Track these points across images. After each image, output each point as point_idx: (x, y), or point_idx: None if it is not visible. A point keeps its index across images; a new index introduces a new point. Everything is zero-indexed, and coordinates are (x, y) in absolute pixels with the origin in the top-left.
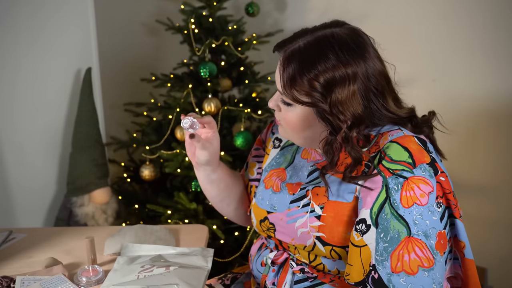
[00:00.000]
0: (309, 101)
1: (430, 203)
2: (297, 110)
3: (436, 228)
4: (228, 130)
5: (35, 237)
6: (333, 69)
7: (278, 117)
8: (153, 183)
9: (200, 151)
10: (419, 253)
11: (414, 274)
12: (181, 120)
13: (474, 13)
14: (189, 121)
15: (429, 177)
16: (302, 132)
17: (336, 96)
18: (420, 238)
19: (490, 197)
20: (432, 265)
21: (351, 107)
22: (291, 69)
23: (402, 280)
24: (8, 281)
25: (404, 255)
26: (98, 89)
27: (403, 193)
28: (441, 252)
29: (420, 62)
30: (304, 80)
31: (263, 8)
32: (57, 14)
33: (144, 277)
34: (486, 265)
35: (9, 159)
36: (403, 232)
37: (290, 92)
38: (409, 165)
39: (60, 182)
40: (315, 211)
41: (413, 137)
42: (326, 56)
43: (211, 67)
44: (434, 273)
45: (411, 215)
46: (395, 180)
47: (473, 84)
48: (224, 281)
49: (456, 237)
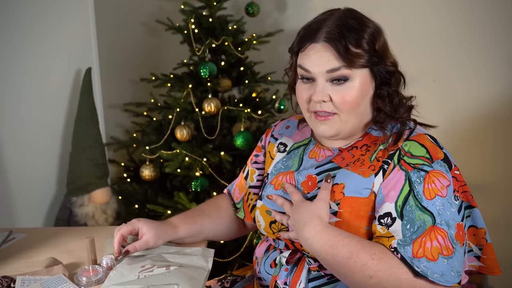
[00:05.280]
0: (368, 61)
1: (449, 196)
2: (353, 82)
3: (455, 219)
4: (228, 130)
5: (35, 237)
6: (374, 30)
7: (329, 107)
8: (153, 183)
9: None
10: (441, 241)
11: (434, 261)
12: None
13: (475, 14)
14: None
15: (445, 171)
16: (360, 106)
17: (381, 48)
18: (443, 227)
19: (488, 196)
20: (451, 253)
21: (391, 58)
22: (343, 42)
23: (423, 265)
24: (8, 281)
25: (427, 242)
26: (98, 89)
27: (425, 186)
28: (460, 243)
29: (420, 62)
30: (362, 43)
31: (263, 8)
32: (57, 15)
33: (144, 277)
34: None
35: (9, 159)
36: (428, 221)
37: (351, 60)
38: (428, 160)
39: (60, 182)
40: (331, 208)
41: (426, 135)
42: (365, 22)
43: (211, 67)
44: (453, 262)
45: (435, 206)
46: (417, 173)
47: (473, 84)
48: (224, 284)
49: (474, 226)
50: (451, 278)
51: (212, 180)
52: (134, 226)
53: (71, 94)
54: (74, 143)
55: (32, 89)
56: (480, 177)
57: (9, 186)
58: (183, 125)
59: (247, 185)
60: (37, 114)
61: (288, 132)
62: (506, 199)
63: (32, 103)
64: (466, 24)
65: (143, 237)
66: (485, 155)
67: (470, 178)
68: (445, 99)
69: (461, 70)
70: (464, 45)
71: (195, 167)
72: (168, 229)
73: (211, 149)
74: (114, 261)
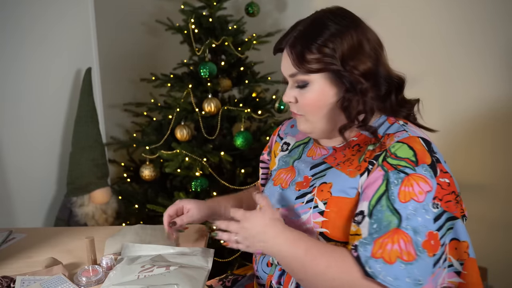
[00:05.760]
0: (323, 66)
1: (426, 202)
2: (313, 86)
3: (427, 227)
4: (228, 130)
5: (35, 237)
6: (336, 32)
7: (296, 108)
8: (153, 183)
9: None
10: (402, 245)
11: (391, 264)
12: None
13: (475, 14)
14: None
15: (430, 177)
16: (322, 110)
17: (345, 53)
18: (407, 232)
19: (488, 197)
20: (412, 260)
21: (361, 63)
22: (299, 47)
23: (378, 266)
24: (8, 281)
25: (388, 244)
26: (98, 89)
27: (402, 188)
28: (429, 252)
29: (420, 62)
30: (313, 49)
31: (263, 8)
32: (57, 15)
33: (144, 277)
34: (486, 265)
35: (9, 159)
36: (394, 223)
37: (304, 66)
38: (412, 162)
39: (60, 182)
40: (319, 207)
41: (418, 138)
42: (326, 25)
43: (211, 67)
44: (412, 268)
45: (406, 210)
46: (396, 175)
47: (473, 84)
48: (225, 283)
49: (456, 239)
50: (405, 284)
51: (212, 180)
52: (178, 205)
53: (71, 94)
54: (74, 143)
55: (32, 89)
56: (480, 178)
57: (9, 186)
58: (183, 125)
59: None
60: (37, 114)
61: (293, 131)
62: (506, 200)
63: (32, 103)
64: (466, 24)
65: (188, 212)
66: (485, 155)
67: (470, 178)
68: (445, 99)
69: (461, 70)
70: (464, 45)
71: (195, 167)
72: (208, 203)
73: (211, 149)
74: (114, 261)
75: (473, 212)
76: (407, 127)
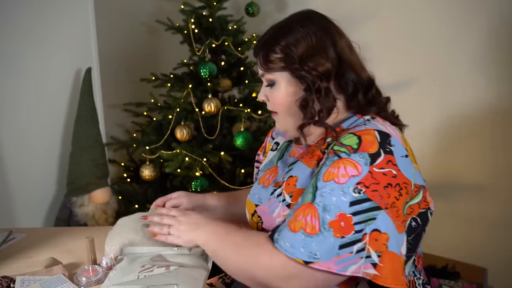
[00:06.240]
0: (284, 65)
1: (347, 185)
2: (279, 85)
3: (340, 207)
4: (228, 130)
5: (35, 237)
6: (299, 35)
7: (270, 107)
8: (153, 183)
9: None
10: (309, 219)
11: (294, 232)
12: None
13: (475, 14)
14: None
15: (363, 164)
16: (290, 108)
17: (304, 54)
18: (317, 208)
19: (488, 196)
20: (313, 234)
21: (319, 65)
22: (266, 49)
23: (283, 233)
24: (8, 281)
25: (299, 216)
26: (98, 89)
27: (329, 169)
28: (336, 232)
29: (420, 62)
30: (277, 50)
31: (263, 8)
32: (57, 15)
33: (144, 277)
34: (486, 265)
35: (9, 159)
36: (308, 198)
37: (267, 65)
38: (351, 149)
39: (60, 182)
40: (286, 200)
41: (374, 130)
42: (292, 28)
43: (211, 67)
44: (311, 241)
45: (323, 188)
46: (331, 157)
47: (473, 84)
48: (225, 280)
49: (377, 230)
50: (299, 253)
51: (212, 180)
52: (167, 196)
53: (71, 94)
54: (74, 143)
55: (32, 89)
56: (481, 177)
57: (9, 186)
58: (183, 125)
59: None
60: (37, 115)
61: None
62: (506, 200)
63: (32, 104)
64: (466, 24)
65: (177, 197)
66: (486, 155)
67: (470, 178)
68: (444, 98)
69: (461, 70)
70: (464, 45)
71: (195, 167)
72: (200, 195)
73: (211, 149)
74: (114, 261)
75: (473, 212)
76: (370, 122)
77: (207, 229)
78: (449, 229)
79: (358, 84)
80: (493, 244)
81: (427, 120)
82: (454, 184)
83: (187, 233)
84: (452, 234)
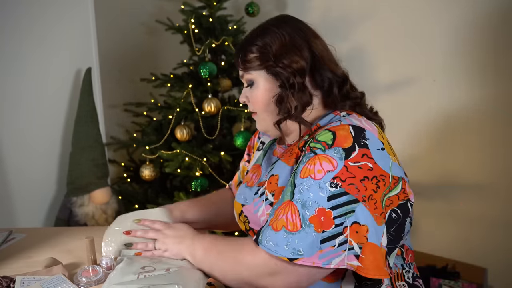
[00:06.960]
0: (259, 63)
1: (323, 180)
2: (258, 84)
3: (318, 203)
4: (228, 130)
5: (35, 237)
6: (274, 35)
7: (250, 107)
8: (153, 183)
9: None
10: (289, 216)
11: (276, 231)
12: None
13: (475, 14)
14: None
15: (337, 158)
16: (268, 106)
17: (278, 52)
18: (297, 205)
19: (487, 196)
20: (295, 231)
21: (293, 62)
22: (244, 50)
23: (267, 232)
24: (8, 281)
25: (280, 214)
26: (98, 89)
27: (306, 166)
28: (316, 227)
29: (420, 62)
30: (253, 49)
31: (263, 8)
32: (57, 15)
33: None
34: (486, 265)
35: (9, 159)
36: (287, 196)
37: (245, 65)
38: (326, 145)
39: (60, 182)
40: (269, 199)
41: (349, 125)
42: (267, 29)
43: (211, 67)
44: (294, 238)
45: (301, 185)
46: (308, 154)
47: (472, 84)
48: None
49: (357, 222)
50: (282, 251)
51: (212, 180)
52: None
53: (71, 94)
54: (74, 143)
55: (32, 89)
56: (480, 177)
57: (9, 186)
58: (183, 125)
59: (240, 181)
60: (37, 114)
61: None
62: (506, 199)
63: (32, 104)
64: (466, 24)
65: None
66: (485, 155)
67: (469, 177)
68: (444, 98)
69: (461, 70)
70: (464, 45)
71: (195, 167)
72: (174, 209)
73: (211, 149)
74: (114, 261)
75: (472, 211)
76: (345, 118)
77: (193, 241)
78: (448, 229)
79: (332, 80)
80: (492, 243)
81: (427, 120)
82: (454, 183)
83: (174, 245)
84: (452, 234)
